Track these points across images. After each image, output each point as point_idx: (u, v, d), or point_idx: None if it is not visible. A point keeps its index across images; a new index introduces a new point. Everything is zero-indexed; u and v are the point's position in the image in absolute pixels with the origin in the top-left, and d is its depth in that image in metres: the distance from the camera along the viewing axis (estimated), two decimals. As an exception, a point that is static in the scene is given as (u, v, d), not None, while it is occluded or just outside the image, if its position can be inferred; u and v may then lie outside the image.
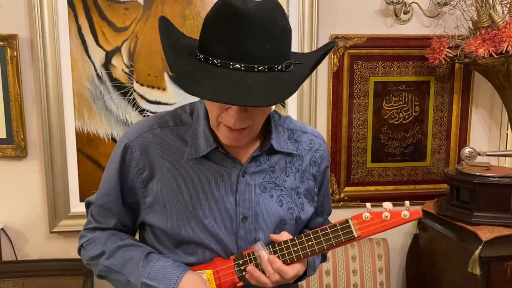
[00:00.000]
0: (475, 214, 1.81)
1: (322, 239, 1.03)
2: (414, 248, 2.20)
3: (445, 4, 2.07)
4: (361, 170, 2.22)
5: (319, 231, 1.04)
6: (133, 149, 1.06)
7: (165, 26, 1.00)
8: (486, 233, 1.72)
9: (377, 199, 2.21)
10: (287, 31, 0.94)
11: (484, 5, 1.94)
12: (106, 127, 1.99)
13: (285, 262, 1.02)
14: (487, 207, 1.81)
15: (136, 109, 2.00)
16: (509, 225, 1.76)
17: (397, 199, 2.25)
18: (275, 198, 1.09)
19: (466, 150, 1.94)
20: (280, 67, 0.91)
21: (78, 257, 1.96)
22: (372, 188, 2.23)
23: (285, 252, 1.03)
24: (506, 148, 2.28)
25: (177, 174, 1.05)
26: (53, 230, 2.01)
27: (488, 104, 2.28)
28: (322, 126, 2.15)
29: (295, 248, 1.03)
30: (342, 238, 1.02)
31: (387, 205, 1.04)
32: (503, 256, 1.71)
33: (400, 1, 2.05)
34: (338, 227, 1.03)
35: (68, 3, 1.90)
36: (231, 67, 0.87)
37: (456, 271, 1.85)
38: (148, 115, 2.00)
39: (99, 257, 1.11)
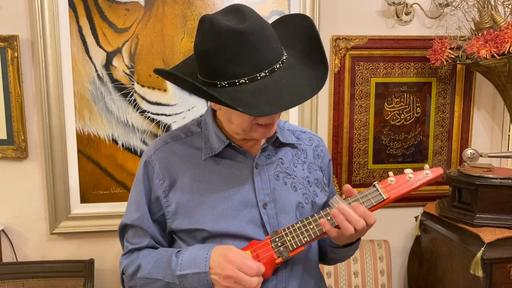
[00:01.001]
0: (477, 215, 1.80)
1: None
2: (416, 249, 2.19)
3: (447, 5, 2.06)
4: (363, 171, 2.21)
5: (349, 199, 1.09)
6: (153, 163, 1.16)
7: (172, 76, 1.06)
8: (488, 235, 1.71)
9: (378, 201, 2.20)
10: (269, 24, 1.05)
11: (486, 6, 1.93)
12: (107, 128, 1.99)
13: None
14: (489, 208, 1.80)
15: (137, 110, 1.99)
16: (512, 227, 1.75)
17: (398, 200, 2.26)
18: (289, 185, 1.17)
19: (468, 152, 1.93)
20: (285, 53, 1.04)
21: (79, 258, 1.99)
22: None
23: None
24: (508, 149, 2.27)
25: (195, 177, 1.13)
26: (54, 232, 2.01)
27: (490, 105, 2.27)
28: (323, 128, 2.15)
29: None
30: (372, 201, 1.08)
31: (408, 170, 1.11)
32: (506, 258, 1.70)
33: (402, 2, 2.05)
34: (367, 193, 1.09)
35: (69, 4, 1.90)
36: (259, 77, 0.98)
37: (458, 273, 1.84)
38: (149, 116, 2.00)
39: (136, 273, 1.14)
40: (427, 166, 1.12)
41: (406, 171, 1.11)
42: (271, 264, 1.06)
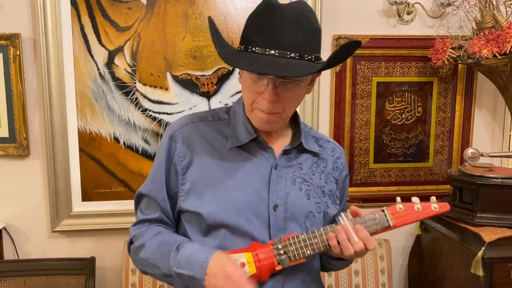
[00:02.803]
0: (478, 215, 1.80)
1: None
2: (416, 249, 2.19)
3: (449, 4, 2.06)
4: (364, 170, 2.22)
5: (356, 219, 1.11)
6: (176, 139, 1.17)
7: (213, 24, 1.12)
8: (489, 234, 1.71)
9: (379, 200, 2.21)
10: (318, 31, 1.07)
11: (487, 5, 1.93)
12: (109, 127, 1.99)
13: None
14: (490, 208, 1.80)
15: (138, 108, 1.99)
16: (512, 227, 1.76)
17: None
18: (303, 192, 1.17)
19: (469, 151, 1.93)
20: (310, 57, 1.02)
21: (80, 256, 2.00)
22: (375, 188, 2.23)
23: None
24: (509, 149, 2.27)
25: (215, 162, 1.14)
26: (55, 229, 2.02)
27: (491, 105, 2.28)
28: (324, 127, 2.15)
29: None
30: (379, 226, 1.11)
31: (415, 199, 1.14)
32: (506, 257, 1.70)
33: (403, 2, 2.05)
34: (376, 216, 1.11)
35: (71, 2, 1.90)
36: (267, 53, 1.00)
37: (459, 272, 1.84)
38: (150, 115, 2.00)
39: (139, 250, 1.16)
40: (434, 198, 1.15)
41: (414, 200, 1.14)
42: (270, 270, 1.07)
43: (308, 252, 1.08)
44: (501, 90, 2.04)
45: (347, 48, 1.06)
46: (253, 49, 1.01)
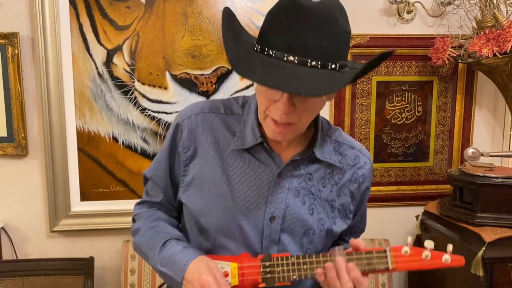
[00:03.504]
0: (478, 215, 1.80)
1: (355, 262, 0.99)
2: (416, 249, 2.19)
3: (449, 3, 2.06)
4: (363, 170, 2.21)
5: (353, 253, 1.01)
6: (183, 128, 1.11)
7: (230, 17, 1.01)
8: (489, 234, 1.71)
9: (379, 200, 2.21)
10: (346, 33, 0.94)
11: (488, 4, 1.93)
12: (107, 126, 1.99)
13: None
14: (490, 208, 1.79)
15: (137, 108, 1.99)
16: (513, 226, 1.75)
17: (399, 200, 2.26)
18: (306, 206, 1.08)
19: (469, 151, 1.93)
20: (334, 65, 0.90)
21: (79, 256, 1.99)
22: (375, 188, 2.22)
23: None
24: (509, 149, 2.27)
25: (218, 160, 1.08)
26: (54, 229, 2.01)
27: (492, 105, 2.27)
28: (324, 126, 2.14)
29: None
30: (376, 266, 0.99)
31: (429, 244, 0.99)
32: (507, 257, 1.70)
33: (403, 1, 2.04)
34: (375, 255, 1.00)
35: (70, 1, 1.90)
36: (285, 59, 0.89)
37: (459, 272, 1.83)
38: (149, 114, 2.00)
39: (136, 233, 1.15)
40: (450, 248, 0.98)
41: (426, 244, 0.99)
42: (253, 285, 1.03)
43: (295, 277, 1.01)
44: (502, 89, 2.03)
45: (378, 60, 0.96)
46: (270, 52, 0.90)
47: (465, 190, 1.88)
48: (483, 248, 1.67)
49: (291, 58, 0.88)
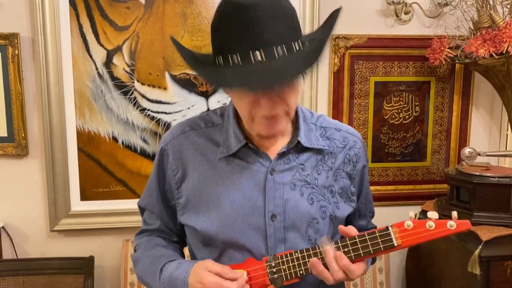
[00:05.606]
0: (475, 214, 1.81)
1: (359, 245, 0.98)
2: (414, 248, 2.20)
3: (446, 4, 2.07)
4: (361, 170, 2.22)
5: (356, 237, 0.99)
6: (168, 152, 1.11)
7: (177, 44, 1.05)
8: (486, 233, 1.72)
9: (377, 199, 2.20)
10: (293, 11, 0.96)
11: (484, 5, 1.94)
12: (107, 126, 2.00)
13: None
14: (487, 207, 1.81)
15: (137, 108, 2.00)
16: (509, 225, 1.76)
17: (397, 199, 2.28)
18: (305, 196, 1.06)
19: (466, 150, 1.94)
20: (298, 45, 0.92)
21: (79, 255, 2.00)
22: (372, 188, 2.18)
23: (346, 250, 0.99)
24: (506, 149, 2.28)
25: (208, 174, 1.07)
26: (54, 229, 2.02)
27: (488, 105, 2.29)
28: (322, 126, 2.15)
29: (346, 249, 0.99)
30: (381, 246, 0.97)
31: (432, 214, 0.97)
32: (503, 256, 1.71)
33: (401, 1, 2.06)
34: (377, 234, 0.97)
35: (70, 2, 1.91)
36: (252, 59, 0.89)
37: (456, 271, 1.85)
38: (149, 114, 2.01)
39: (136, 264, 1.16)
40: (455, 214, 0.97)
41: (429, 214, 0.97)
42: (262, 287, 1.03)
43: (301, 272, 0.99)
44: (498, 89, 2.05)
45: (331, 20, 1.01)
46: (234, 57, 0.90)
47: (462, 189, 1.90)
48: (480, 246, 1.69)
49: (257, 53, 0.89)
